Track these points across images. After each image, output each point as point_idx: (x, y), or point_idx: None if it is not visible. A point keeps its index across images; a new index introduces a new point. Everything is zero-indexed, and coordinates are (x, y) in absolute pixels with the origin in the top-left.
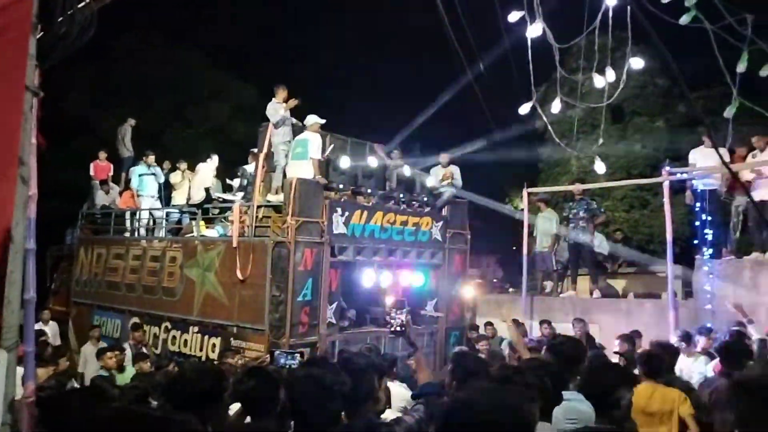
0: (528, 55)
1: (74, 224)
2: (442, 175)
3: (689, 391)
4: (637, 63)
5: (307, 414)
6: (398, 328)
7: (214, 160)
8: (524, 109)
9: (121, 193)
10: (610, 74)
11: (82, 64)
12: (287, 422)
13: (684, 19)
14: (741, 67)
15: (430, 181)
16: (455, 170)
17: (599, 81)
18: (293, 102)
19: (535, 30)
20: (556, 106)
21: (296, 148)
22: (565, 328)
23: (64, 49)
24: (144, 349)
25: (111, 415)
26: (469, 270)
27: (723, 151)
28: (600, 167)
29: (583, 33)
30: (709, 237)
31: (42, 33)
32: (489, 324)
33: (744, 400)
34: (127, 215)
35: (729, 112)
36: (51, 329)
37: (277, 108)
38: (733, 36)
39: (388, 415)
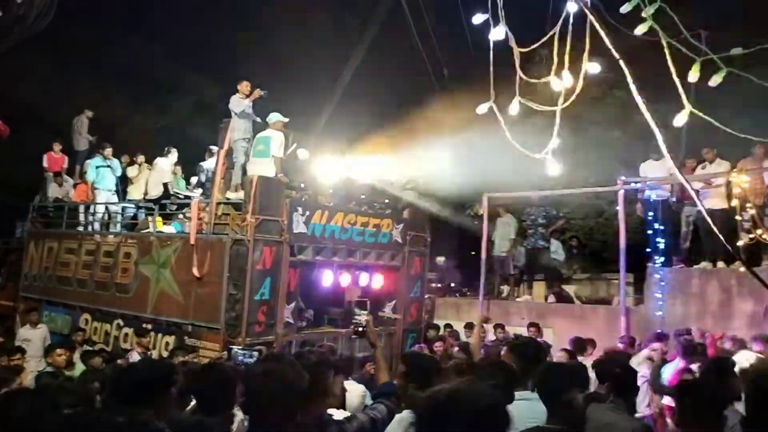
0: (489, 57)
1: (24, 217)
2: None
3: None
4: (593, 68)
5: (265, 409)
6: (359, 329)
7: (173, 155)
8: (482, 109)
9: (75, 186)
10: (567, 78)
11: (36, 53)
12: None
13: (639, 29)
14: (693, 77)
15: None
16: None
17: (556, 84)
18: (258, 92)
19: (497, 33)
20: (513, 108)
21: (258, 145)
22: (521, 332)
23: (20, 32)
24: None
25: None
26: (428, 273)
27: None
28: (553, 168)
29: (542, 39)
30: (661, 246)
31: None
32: (448, 326)
33: (684, 401)
34: (81, 209)
35: (679, 120)
36: (40, 334)
37: (241, 100)
38: (688, 49)
39: (340, 413)
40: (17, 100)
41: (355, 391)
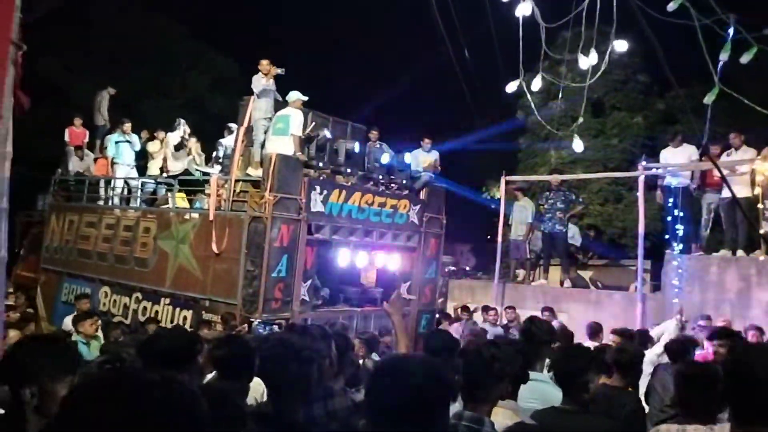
0: (518, 35)
1: (45, 190)
2: (426, 161)
3: None
4: (621, 45)
5: (273, 376)
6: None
7: (181, 126)
8: (511, 87)
9: (95, 161)
10: (593, 57)
11: (57, 28)
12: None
13: (671, 6)
14: (724, 56)
15: (411, 163)
16: (436, 156)
17: (583, 62)
18: (275, 70)
19: (524, 9)
20: (536, 83)
21: (277, 123)
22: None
23: (48, 2)
24: None
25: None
26: (444, 257)
27: (693, 149)
28: (578, 145)
29: (570, 15)
30: (680, 233)
31: None
32: (465, 309)
33: (684, 385)
34: (102, 183)
35: (709, 98)
36: None
37: (260, 79)
38: (717, 31)
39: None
40: (39, 74)
41: None
